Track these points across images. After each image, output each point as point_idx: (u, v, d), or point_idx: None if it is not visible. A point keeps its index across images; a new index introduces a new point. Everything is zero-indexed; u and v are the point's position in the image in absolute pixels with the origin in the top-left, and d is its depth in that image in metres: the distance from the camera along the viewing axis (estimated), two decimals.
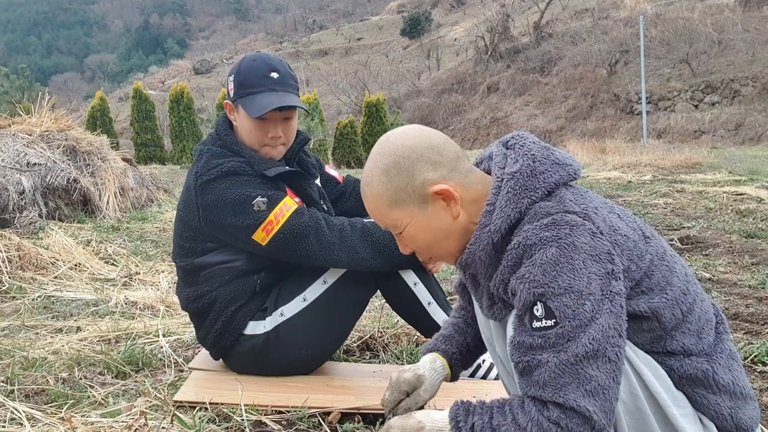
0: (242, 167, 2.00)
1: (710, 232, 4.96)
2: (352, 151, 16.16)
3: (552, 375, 1.10)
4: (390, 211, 1.27)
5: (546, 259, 1.13)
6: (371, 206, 1.30)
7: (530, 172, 1.23)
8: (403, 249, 1.35)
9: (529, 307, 1.15)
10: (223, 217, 1.97)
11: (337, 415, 1.83)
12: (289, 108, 2.04)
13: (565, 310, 1.11)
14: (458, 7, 58.78)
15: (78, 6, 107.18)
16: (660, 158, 11.67)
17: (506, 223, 1.21)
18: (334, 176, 2.40)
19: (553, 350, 1.11)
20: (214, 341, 2.08)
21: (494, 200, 1.24)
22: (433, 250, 1.32)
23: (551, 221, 1.16)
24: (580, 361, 1.09)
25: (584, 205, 1.21)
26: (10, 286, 3.40)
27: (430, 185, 1.24)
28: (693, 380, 1.22)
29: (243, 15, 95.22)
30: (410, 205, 1.25)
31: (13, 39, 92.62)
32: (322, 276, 2.05)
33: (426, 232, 1.28)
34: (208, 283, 2.06)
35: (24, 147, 5.32)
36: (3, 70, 28.06)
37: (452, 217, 1.27)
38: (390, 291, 2.11)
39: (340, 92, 37.05)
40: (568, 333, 1.11)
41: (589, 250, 1.14)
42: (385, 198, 1.26)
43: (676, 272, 1.25)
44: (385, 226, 1.32)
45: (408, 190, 1.25)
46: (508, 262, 1.20)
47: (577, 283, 1.12)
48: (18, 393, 1.96)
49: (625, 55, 28.80)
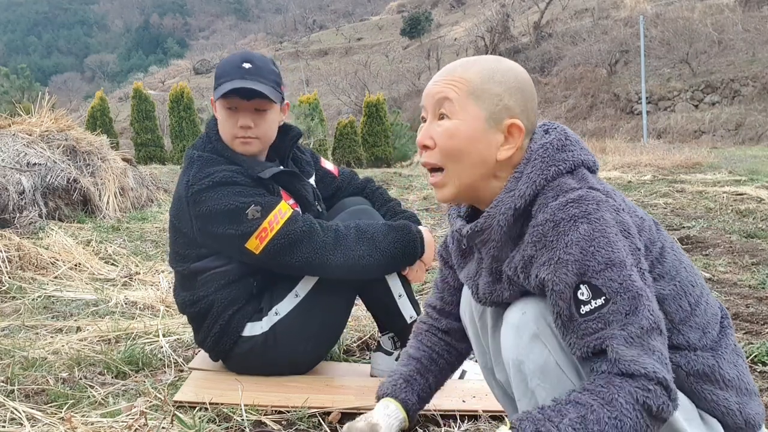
0: (234, 176, 1.97)
1: (710, 232, 4.96)
2: (352, 151, 16.13)
3: (624, 349, 1.06)
4: (462, 94, 1.21)
5: (580, 236, 1.10)
6: (452, 76, 1.23)
7: (560, 146, 1.22)
8: (424, 137, 1.25)
9: (572, 294, 1.09)
10: (217, 227, 1.95)
11: (337, 415, 1.83)
12: (252, 93, 1.98)
13: (612, 285, 1.08)
14: (458, 7, 58.76)
15: (78, 6, 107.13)
16: (660, 158, 11.67)
17: (531, 190, 1.18)
18: (330, 170, 2.38)
19: (616, 326, 1.07)
20: (213, 344, 2.08)
21: (523, 169, 1.22)
22: (451, 157, 1.22)
23: (577, 197, 1.13)
24: (645, 334, 1.06)
25: (604, 185, 1.20)
26: (10, 286, 3.40)
27: (511, 116, 1.22)
28: (700, 376, 1.20)
29: (243, 15, 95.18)
30: (482, 109, 1.21)
31: (13, 39, 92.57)
32: None
33: (467, 139, 1.21)
34: (204, 287, 2.05)
35: (24, 147, 5.32)
36: (3, 70, 28.03)
37: (497, 152, 1.22)
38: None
39: (340, 92, 37.02)
40: (624, 307, 1.07)
41: (617, 225, 1.12)
42: (471, 84, 1.21)
43: (684, 264, 1.25)
44: (439, 99, 1.23)
45: (494, 100, 1.21)
46: (532, 238, 1.15)
47: (617, 255, 1.09)
48: (18, 393, 1.96)
49: (625, 55, 28.79)
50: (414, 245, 2.05)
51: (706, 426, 1.20)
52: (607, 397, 1.04)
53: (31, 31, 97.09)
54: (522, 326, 1.18)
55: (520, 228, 1.21)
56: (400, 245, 2.02)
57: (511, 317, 1.21)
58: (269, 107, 2.04)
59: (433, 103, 1.24)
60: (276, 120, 2.10)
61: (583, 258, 1.09)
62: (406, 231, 2.05)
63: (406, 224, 2.09)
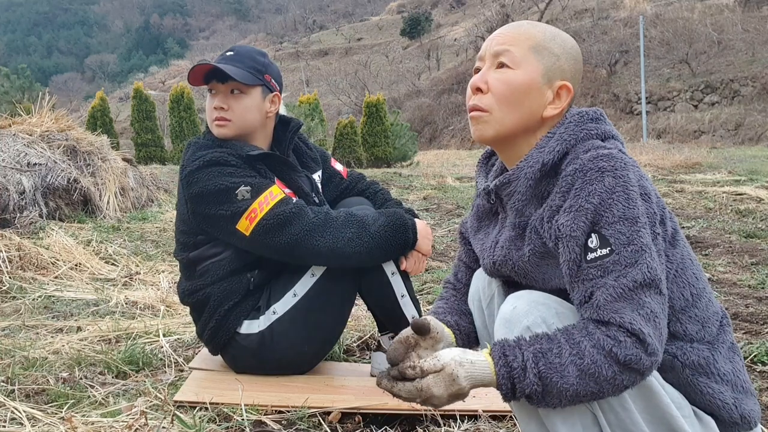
0: (225, 157, 2.00)
1: (710, 232, 4.96)
2: (352, 151, 16.13)
3: (609, 298, 1.10)
4: (524, 48, 1.26)
5: (604, 188, 1.13)
6: (518, 30, 1.29)
7: (595, 117, 1.27)
8: (479, 81, 1.28)
9: (584, 241, 1.14)
10: (207, 207, 1.98)
11: (337, 415, 1.83)
12: (220, 74, 2.01)
13: (620, 237, 1.12)
14: (458, 7, 58.77)
15: (78, 6, 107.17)
16: (660, 158, 11.68)
17: (561, 147, 1.22)
18: (339, 171, 2.39)
19: (611, 276, 1.11)
20: (210, 338, 2.10)
21: (556, 130, 1.26)
22: (503, 102, 1.25)
23: (608, 153, 1.17)
24: (638, 288, 1.10)
25: (632, 158, 1.24)
26: (11, 286, 3.40)
27: (563, 78, 1.27)
28: (695, 368, 1.21)
29: (243, 15, 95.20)
30: (540, 65, 1.25)
31: (13, 39, 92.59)
32: (310, 269, 2.05)
33: (520, 90, 1.25)
34: (202, 278, 2.07)
35: (24, 147, 5.32)
36: (3, 70, 28.06)
37: (544, 109, 1.26)
38: (366, 277, 2.08)
39: (340, 92, 37.05)
40: (625, 259, 1.11)
41: (639, 188, 1.16)
42: (535, 39, 1.27)
43: (691, 256, 1.26)
44: (502, 49, 1.26)
45: (552, 59, 1.26)
46: (561, 188, 1.19)
47: (632, 212, 1.13)
48: (18, 393, 1.96)
49: (624, 55, 28.80)
50: (405, 231, 2.04)
51: (701, 423, 1.20)
52: (575, 338, 1.09)
53: (32, 32, 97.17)
54: (513, 320, 1.19)
55: (546, 187, 1.24)
56: (391, 230, 2.01)
57: (504, 311, 1.23)
58: (245, 90, 2.06)
59: (493, 53, 1.28)
60: (255, 106, 2.09)
61: (601, 207, 1.13)
62: (396, 217, 2.05)
63: (397, 211, 2.10)
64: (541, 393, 1.09)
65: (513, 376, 1.09)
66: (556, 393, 1.09)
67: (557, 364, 1.08)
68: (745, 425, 1.23)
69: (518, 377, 1.09)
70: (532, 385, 1.08)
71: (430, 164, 16.49)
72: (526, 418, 1.23)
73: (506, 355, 1.10)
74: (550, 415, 1.16)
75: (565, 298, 1.21)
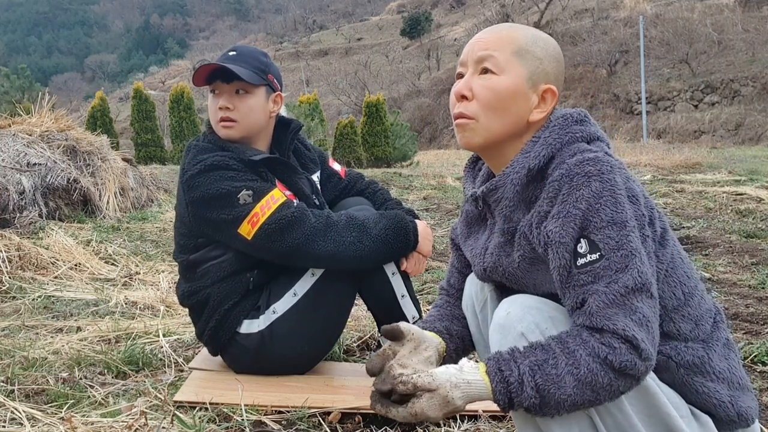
0: (226, 161, 1.99)
1: (710, 232, 4.96)
2: (352, 151, 16.13)
3: (601, 305, 1.09)
4: (507, 53, 1.25)
5: (591, 193, 1.13)
6: (499, 34, 1.27)
7: (579, 119, 1.26)
8: (463, 88, 1.26)
9: (573, 247, 1.13)
10: (209, 212, 1.97)
11: (337, 415, 1.83)
12: (227, 73, 2.00)
13: (609, 242, 1.11)
14: (458, 7, 58.79)
15: (78, 6, 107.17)
16: (660, 158, 11.69)
17: (546, 151, 1.21)
18: (337, 171, 2.39)
19: (603, 282, 1.11)
20: (210, 338, 2.10)
21: (541, 134, 1.25)
22: (489, 109, 1.24)
23: (594, 157, 1.17)
24: (629, 293, 1.09)
25: (618, 159, 1.23)
26: (10, 286, 3.40)
27: (547, 82, 1.26)
28: (690, 367, 1.20)
29: (243, 15, 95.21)
30: (524, 69, 1.25)
31: (13, 39, 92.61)
32: (310, 269, 2.05)
33: (506, 96, 1.24)
34: (202, 279, 2.07)
35: (24, 147, 5.32)
36: (3, 70, 28.07)
37: (530, 113, 1.25)
38: (367, 278, 2.08)
39: (340, 92, 37.06)
40: (615, 264, 1.10)
41: (626, 191, 1.15)
42: (517, 43, 1.26)
43: (681, 255, 1.26)
44: (484, 54, 1.25)
45: (536, 63, 1.25)
46: (548, 194, 1.18)
47: (620, 216, 1.12)
48: (18, 393, 1.96)
49: (624, 55, 28.81)
50: (406, 233, 2.04)
51: (698, 422, 1.20)
52: (570, 348, 1.09)
53: (32, 32, 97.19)
54: (507, 326, 1.19)
55: (533, 191, 1.23)
56: (392, 232, 2.01)
57: (498, 316, 1.23)
58: (250, 90, 2.05)
59: (476, 58, 1.27)
60: (260, 107, 2.08)
61: (589, 213, 1.13)
62: (398, 219, 2.05)
63: (398, 213, 2.10)
64: (539, 405, 1.09)
65: (510, 390, 1.09)
66: (554, 404, 1.09)
67: (554, 375, 1.08)
68: (743, 422, 1.23)
69: (515, 391, 1.09)
70: (529, 398, 1.08)
71: (430, 164, 16.49)
72: (523, 423, 1.23)
73: (502, 370, 1.10)
74: (548, 421, 1.16)
75: (557, 302, 1.21)
